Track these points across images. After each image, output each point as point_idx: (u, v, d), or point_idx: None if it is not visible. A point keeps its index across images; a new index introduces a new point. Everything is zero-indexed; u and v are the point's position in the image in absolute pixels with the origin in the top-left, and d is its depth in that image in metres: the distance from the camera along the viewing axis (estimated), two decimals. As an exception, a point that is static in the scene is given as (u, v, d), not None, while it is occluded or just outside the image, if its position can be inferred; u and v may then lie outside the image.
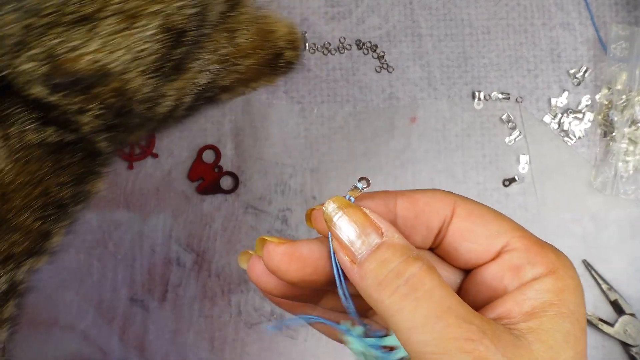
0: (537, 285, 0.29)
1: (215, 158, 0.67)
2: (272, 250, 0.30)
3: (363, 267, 0.29)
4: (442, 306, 0.27)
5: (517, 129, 0.68)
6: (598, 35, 0.69)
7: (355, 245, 0.29)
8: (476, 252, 0.31)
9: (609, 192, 0.67)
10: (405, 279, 0.27)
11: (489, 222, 0.31)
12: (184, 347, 0.65)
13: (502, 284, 0.30)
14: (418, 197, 0.32)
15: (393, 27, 0.70)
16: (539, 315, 0.28)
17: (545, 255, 0.30)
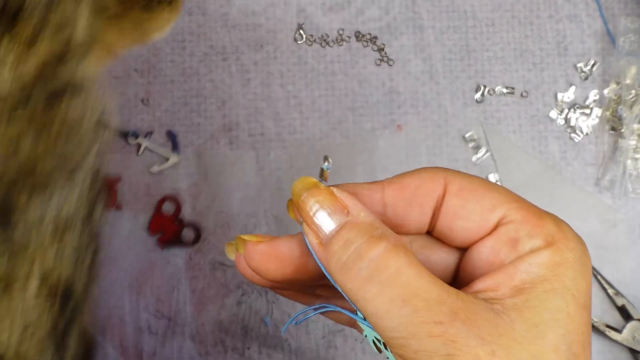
0: (532, 259, 0.27)
1: (175, 210, 0.64)
2: (250, 250, 0.29)
3: (328, 248, 0.27)
4: (409, 289, 0.25)
5: (483, 147, 0.65)
6: (606, 27, 0.67)
7: (321, 226, 0.27)
8: (471, 229, 0.29)
9: (617, 191, 0.65)
10: (368, 261, 0.26)
11: (482, 196, 0.29)
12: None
13: (498, 259, 0.28)
14: (407, 182, 0.30)
15: (394, 18, 0.68)
16: (528, 291, 0.26)
17: (544, 226, 0.28)
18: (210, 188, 0.65)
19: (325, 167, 0.30)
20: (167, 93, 0.66)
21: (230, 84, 0.66)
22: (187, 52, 0.67)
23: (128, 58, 0.66)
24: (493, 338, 0.25)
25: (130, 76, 0.66)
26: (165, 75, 0.66)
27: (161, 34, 0.43)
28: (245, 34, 0.67)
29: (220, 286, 0.64)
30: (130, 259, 0.64)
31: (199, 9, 0.67)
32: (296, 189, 0.29)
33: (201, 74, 0.67)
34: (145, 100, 0.66)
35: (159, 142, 0.65)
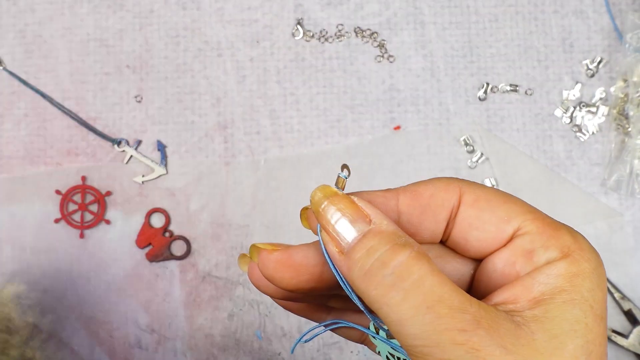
0: (549, 270, 0.27)
1: (165, 222, 0.63)
2: (265, 258, 0.29)
3: (350, 256, 0.27)
4: (433, 296, 0.25)
5: (478, 151, 0.63)
6: (613, 23, 0.65)
7: (342, 234, 0.27)
8: (486, 240, 0.29)
9: (624, 192, 0.63)
10: (392, 268, 0.26)
11: (497, 207, 0.29)
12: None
13: (514, 270, 0.28)
14: (421, 191, 0.30)
15: (394, 14, 0.66)
16: (547, 302, 0.26)
17: (560, 238, 0.28)
18: (201, 198, 0.63)
19: (343, 176, 0.29)
20: (160, 90, 0.64)
21: (226, 80, 0.65)
22: (181, 47, 0.65)
23: (120, 54, 0.65)
24: (515, 348, 0.25)
25: (122, 72, 0.64)
26: (158, 72, 0.65)
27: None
28: (241, 29, 0.65)
29: (211, 299, 0.62)
30: (119, 273, 0.62)
31: (194, 3, 0.65)
32: (316, 197, 0.28)
33: (195, 70, 0.65)
34: (137, 97, 0.64)
35: (148, 150, 0.64)
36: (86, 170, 0.63)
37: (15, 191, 0.63)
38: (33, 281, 0.62)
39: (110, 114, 0.64)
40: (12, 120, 0.64)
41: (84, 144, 0.64)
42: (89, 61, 0.65)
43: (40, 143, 0.64)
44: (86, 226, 0.63)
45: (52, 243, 0.63)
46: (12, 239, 0.62)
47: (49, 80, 0.64)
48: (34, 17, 0.65)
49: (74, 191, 0.63)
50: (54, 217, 0.63)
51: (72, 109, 0.64)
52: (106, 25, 0.65)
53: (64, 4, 0.65)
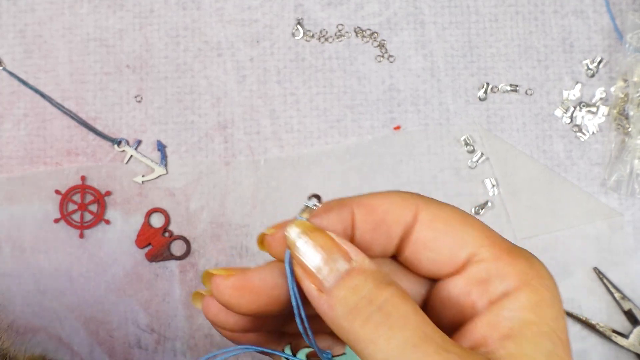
0: (510, 303, 0.27)
1: (164, 222, 0.63)
2: (220, 284, 0.28)
3: (332, 294, 0.26)
4: (419, 334, 0.25)
5: (478, 151, 0.63)
6: (613, 23, 0.65)
7: (322, 272, 0.27)
8: (440, 263, 0.29)
9: (624, 192, 0.63)
10: (378, 306, 0.25)
11: (453, 229, 0.28)
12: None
13: (469, 300, 0.28)
14: (376, 205, 0.29)
15: (394, 13, 0.66)
16: (517, 338, 0.26)
17: (516, 265, 0.27)
18: (201, 197, 0.63)
19: (310, 205, 0.28)
20: (160, 90, 0.64)
21: (226, 80, 0.65)
22: (181, 47, 0.65)
23: (120, 54, 0.65)
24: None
25: (122, 72, 0.64)
26: (158, 72, 0.65)
27: None
28: (241, 29, 0.65)
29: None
30: (118, 273, 0.62)
31: (194, 3, 0.65)
32: (292, 233, 0.28)
33: (195, 70, 0.65)
34: (137, 97, 0.64)
35: (148, 150, 0.64)
36: (86, 170, 0.63)
37: (14, 191, 0.63)
38: (33, 281, 0.62)
39: (110, 113, 0.64)
40: (12, 120, 0.64)
41: (84, 143, 0.64)
42: (89, 61, 0.65)
43: (40, 143, 0.64)
44: (86, 226, 0.63)
45: (52, 243, 0.62)
46: (12, 239, 0.62)
47: (48, 80, 0.64)
48: (34, 17, 0.65)
49: (74, 191, 0.63)
50: (54, 217, 0.63)
51: (72, 109, 0.64)
52: (106, 25, 0.65)
53: (64, 3, 0.65)
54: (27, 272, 0.62)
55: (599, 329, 0.61)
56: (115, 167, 0.63)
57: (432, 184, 0.64)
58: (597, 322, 0.61)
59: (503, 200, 0.63)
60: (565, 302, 0.63)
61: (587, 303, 0.63)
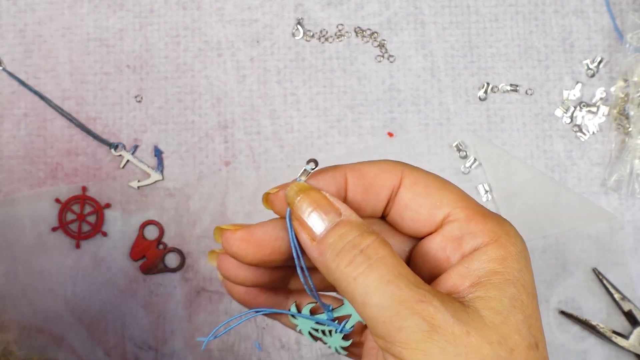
0: (479, 256, 0.30)
1: (158, 234, 0.63)
2: (229, 237, 0.32)
3: (322, 242, 0.30)
4: (394, 272, 0.29)
5: (471, 156, 0.63)
6: (614, 23, 0.65)
7: (316, 224, 0.31)
8: (419, 222, 0.32)
9: (624, 191, 0.63)
10: (361, 250, 0.29)
11: (432, 193, 0.32)
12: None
13: (445, 255, 0.32)
14: (366, 171, 0.33)
15: (394, 13, 0.66)
16: (484, 284, 0.29)
17: (486, 225, 0.31)
18: (192, 213, 0.63)
19: (308, 169, 0.32)
20: (160, 90, 0.64)
21: (226, 80, 0.65)
22: (182, 47, 0.65)
23: (120, 54, 0.65)
24: (466, 320, 0.28)
25: (122, 72, 0.64)
26: (158, 72, 0.65)
27: None
28: (241, 29, 0.65)
29: (207, 314, 0.62)
30: (112, 288, 0.62)
31: (194, 3, 0.65)
32: (291, 192, 0.32)
33: (196, 70, 0.65)
34: (137, 97, 0.64)
35: (147, 150, 0.64)
36: (84, 173, 0.63)
37: (14, 192, 0.63)
38: (29, 286, 0.62)
39: (110, 113, 0.64)
40: (12, 120, 0.64)
41: (84, 144, 0.64)
42: (89, 61, 0.65)
43: (40, 143, 0.64)
44: (83, 237, 0.62)
45: (48, 251, 0.62)
46: (8, 242, 0.62)
47: (48, 80, 0.64)
48: (34, 16, 0.65)
49: (74, 201, 0.63)
50: (52, 225, 0.62)
51: (72, 108, 0.64)
52: (106, 25, 0.65)
53: (64, 3, 0.65)
54: (22, 274, 0.62)
55: (599, 330, 0.61)
56: (116, 176, 0.63)
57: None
58: (597, 322, 0.61)
59: (497, 205, 0.63)
60: (565, 303, 0.63)
61: (587, 304, 0.63)
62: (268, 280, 0.34)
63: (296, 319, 0.35)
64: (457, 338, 0.27)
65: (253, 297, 0.36)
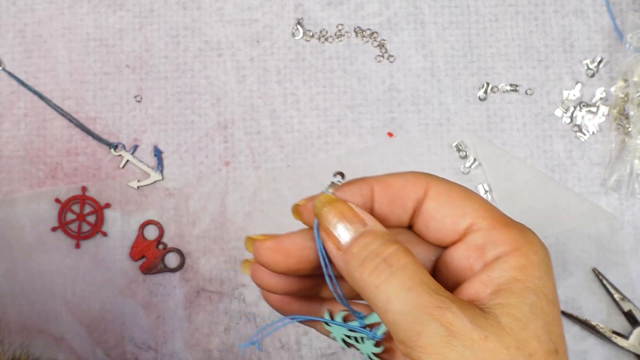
0: (501, 264, 0.31)
1: (158, 234, 0.63)
2: (259, 247, 0.34)
3: (348, 251, 0.32)
4: (415, 278, 0.30)
5: (471, 156, 0.63)
6: (614, 23, 0.65)
7: (341, 234, 0.32)
8: (443, 232, 0.33)
9: (624, 191, 0.63)
10: (383, 258, 0.30)
11: (456, 202, 0.33)
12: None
13: (468, 263, 0.32)
14: (392, 182, 0.34)
15: (394, 13, 0.66)
16: (505, 291, 0.30)
17: (508, 233, 0.32)
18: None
19: (335, 181, 0.34)
20: (160, 90, 0.64)
21: (226, 80, 0.65)
22: (181, 47, 0.65)
23: (120, 54, 0.65)
24: (485, 326, 0.28)
25: (122, 72, 0.64)
26: (158, 72, 0.64)
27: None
28: (241, 29, 0.65)
29: (207, 314, 0.62)
30: (112, 288, 0.62)
31: (194, 2, 0.65)
32: (318, 202, 0.33)
33: (195, 70, 0.65)
34: (137, 97, 0.64)
35: (147, 150, 0.64)
36: (84, 173, 0.63)
37: (14, 192, 0.63)
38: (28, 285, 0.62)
39: (110, 113, 0.64)
40: (12, 120, 0.64)
41: (84, 143, 0.64)
42: (88, 61, 0.65)
43: (40, 143, 0.64)
44: (83, 237, 0.62)
45: (48, 251, 0.62)
46: (8, 242, 0.62)
47: (48, 80, 0.64)
48: (34, 16, 0.65)
49: (73, 201, 0.63)
50: (52, 225, 0.62)
51: (71, 108, 0.64)
52: (106, 25, 0.65)
53: (64, 3, 0.65)
54: (22, 274, 0.62)
55: (598, 330, 0.61)
56: (116, 175, 0.63)
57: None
58: (597, 322, 0.61)
59: (497, 205, 0.63)
60: (565, 303, 0.63)
61: (587, 304, 0.63)
62: (299, 288, 0.36)
63: (330, 326, 0.36)
64: (475, 343, 0.28)
65: (287, 304, 0.37)
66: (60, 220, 0.62)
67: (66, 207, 0.62)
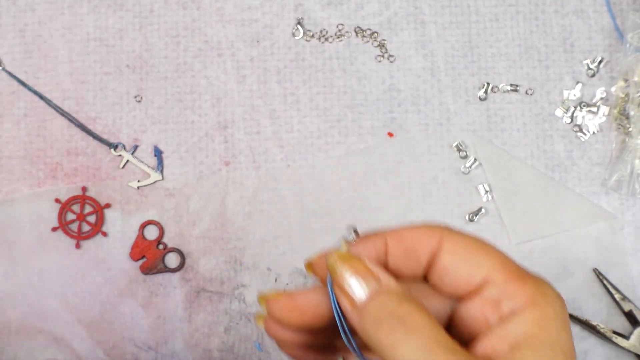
0: (517, 318, 0.31)
1: (158, 234, 0.63)
2: (273, 305, 0.34)
3: (363, 310, 0.32)
4: (431, 339, 0.29)
5: (471, 156, 0.63)
6: (614, 23, 0.65)
7: (356, 292, 0.32)
8: (458, 285, 0.33)
9: (625, 191, 0.63)
10: (399, 317, 0.30)
11: (471, 256, 0.33)
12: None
13: (483, 317, 0.32)
14: (406, 235, 0.34)
15: (394, 13, 0.66)
16: (521, 347, 0.30)
17: (524, 287, 0.32)
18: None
19: (349, 238, 0.34)
20: (160, 90, 0.64)
21: (226, 80, 0.65)
22: (181, 47, 0.65)
23: (120, 54, 0.65)
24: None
25: (122, 72, 0.64)
26: (158, 72, 0.64)
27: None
28: (241, 29, 0.65)
29: (207, 314, 0.62)
30: (112, 288, 0.62)
31: (194, 2, 0.65)
32: (331, 259, 0.33)
33: (195, 70, 0.65)
34: (137, 97, 0.64)
35: (147, 150, 0.64)
36: (84, 173, 0.63)
37: (14, 192, 0.63)
38: (29, 286, 0.62)
39: (110, 113, 0.64)
40: (12, 120, 0.64)
41: (84, 143, 0.64)
42: (88, 61, 0.65)
43: (40, 143, 0.64)
44: (83, 237, 0.62)
45: (48, 251, 0.62)
46: (8, 242, 0.62)
47: (48, 80, 0.64)
48: (34, 16, 0.65)
49: (74, 201, 0.63)
50: (52, 225, 0.62)
51: (71, 108, 0.64)
52: (106, 25, 0.65)
53: (64, 3, 0.65)
54: (22, 274, 0.62)
55: (599, 330, 0.61)
56: (116, 175, 0.63)
57: (422, 188, 0.64)
58: (598, 322, 0.61)
59: (497, 205, 0.63)
60: (566, 303, 0.62)
61: (587, 304, 0.62)
62: (314, 341, 0.36)
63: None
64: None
65: (303, 353, 0.37)
66: (60, 220, 0.62)
67: (66, 207, 0.62)
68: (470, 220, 0.63)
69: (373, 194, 0.63)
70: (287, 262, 0.63)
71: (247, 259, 0.63)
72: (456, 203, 0.64)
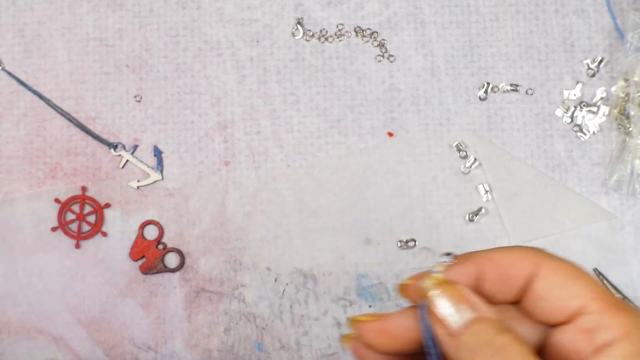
0: (611, 351, 0.30)
1: (158, 234, 0.62)
2: (364, 328, 0.34)
3: (458, 338, 0.31)
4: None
5: (471, 156, 0.63)
6: (614, 23, 0.65)
7: (451, 319, 0.32)
8: (552, 312, 0.33)
9: (625, 192, 0.63)
10: (497, 349, 0.30)
11: (567, 282, 0.33)
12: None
13: (577, 347, 0.32)
14: (500, 260, 0.34)
15: (394, 13, 0.66)
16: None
17: (619, 318, 0.31)
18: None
19: (443, 261, 0.33)
20: (160, 89, 0.64)
21: (226, 80, 0.64)
22: (181, 47, 0.65)
23: (119, 53, 0.64)
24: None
25: (121, 72, 0.64)
26: (158, 72, 0.64)
27: None
28: (240, 29, 0.65)
29: (207, 314, 0.62)
30: (112, 288, 0.62)
31: (194, 2, 0.65)
32: (427, 285, 0.33)
33: (195, 69, 0.65)
34: (137, 97, 0.64)
35: (147, 150, 0.64)
36: (84, 173, 0.63)
37: (14, 192, 0.63)
38: (28, 286, 0.62)
39: (110, 113, 0.64)
40: (12, 120, 0.64)
41: (84, 143, 0.64)
42: (88, 61, 0.65)
43: (40, 143, 0.64)
44: (83, 237, 0.62)
45: (48, 251, 0.62)
46: (8, 242, 0.62)
47: (48, 79, 0.64)
48: (33, 16, 0.65)
49: (73, 201, 0.63)
50: (51, 225, 0.62)
51: (71, 108, 0.64)
52: (105, 25, 0.65)
53: (63, 3, 0.65)
54: (22, 274, 0.62)
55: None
56: (115, 175, 0.63)
57: (422, 188, 0.64)
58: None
59: (497, 205, 0.63)
60: None
61: (587, 303, 0.62)
62: None
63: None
64: None
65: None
66: (60, 220, 0.62)
67: (66, 207, 0.62)
68: (470, 220, 0.63)
69: (373, 194, 0.63)
70: (287, 262, 0.63)
71: (246, 259, 0.63)
72: (456, 203, 0.64)
